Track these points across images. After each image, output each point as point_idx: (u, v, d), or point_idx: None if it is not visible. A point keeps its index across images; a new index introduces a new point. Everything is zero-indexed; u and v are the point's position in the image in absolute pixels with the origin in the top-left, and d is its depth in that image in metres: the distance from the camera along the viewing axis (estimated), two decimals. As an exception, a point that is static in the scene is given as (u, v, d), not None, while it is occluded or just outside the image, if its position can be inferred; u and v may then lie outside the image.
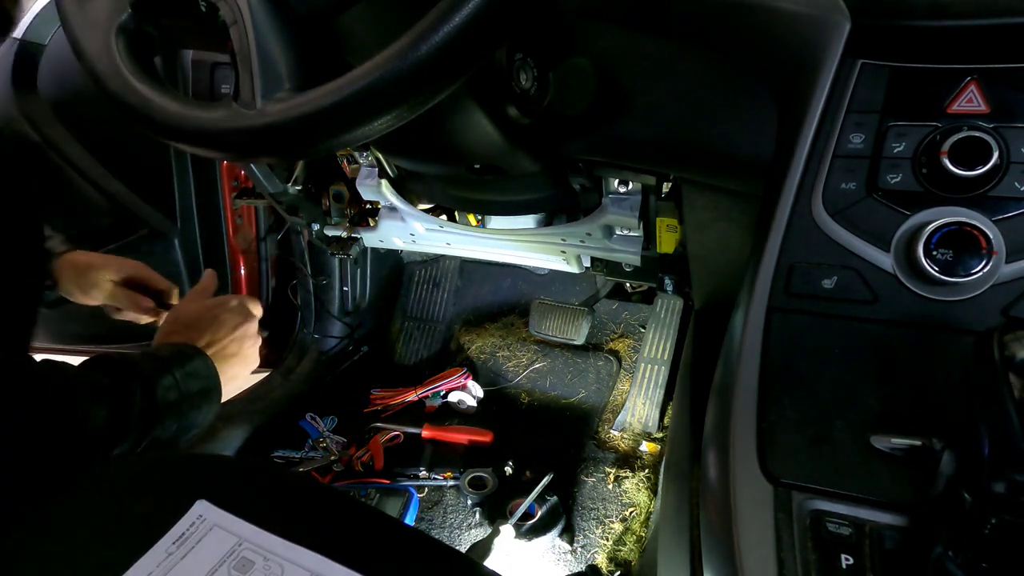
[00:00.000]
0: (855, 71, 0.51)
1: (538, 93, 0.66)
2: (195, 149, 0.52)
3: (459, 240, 1.17)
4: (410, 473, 1.25)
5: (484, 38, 0.43)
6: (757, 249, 0.53)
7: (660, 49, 0.64)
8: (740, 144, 0.62)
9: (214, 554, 0.42)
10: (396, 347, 1.60)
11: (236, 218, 1.39)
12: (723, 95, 0.62)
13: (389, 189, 1.06)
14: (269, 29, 0.48)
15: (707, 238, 0.82)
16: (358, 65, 0.44)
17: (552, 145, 0.74)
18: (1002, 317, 0.45)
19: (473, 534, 1.16)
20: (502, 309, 1.62)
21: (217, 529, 0.44)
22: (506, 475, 1.21)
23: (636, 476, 1.19)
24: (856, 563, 0.39)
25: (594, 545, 1.11)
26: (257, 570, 0.42)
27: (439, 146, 0.74)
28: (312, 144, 0.47)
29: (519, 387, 1.45)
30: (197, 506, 0.45)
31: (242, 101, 0.48)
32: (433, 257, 1.65)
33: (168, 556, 0.42)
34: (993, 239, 0.45)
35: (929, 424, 0.42)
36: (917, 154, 0.49)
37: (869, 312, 0.48)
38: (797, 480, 0.43)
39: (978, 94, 0.48)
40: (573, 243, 1.06)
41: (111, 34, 0.52)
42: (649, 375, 1.32)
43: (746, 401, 0.47)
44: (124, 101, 0.52)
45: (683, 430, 0.72)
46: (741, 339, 0.50)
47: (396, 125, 0.46)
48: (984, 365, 0.35)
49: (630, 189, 0.89)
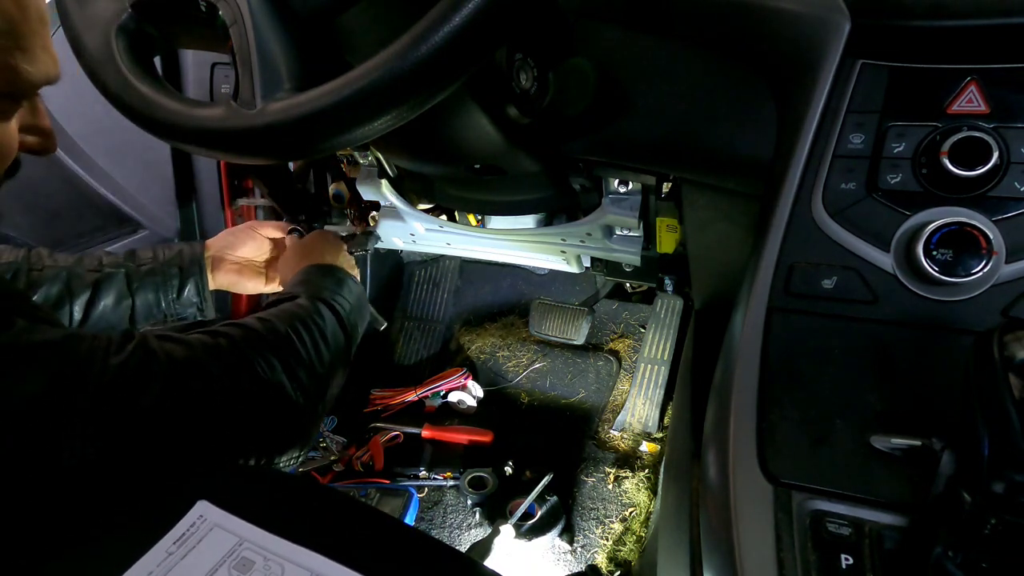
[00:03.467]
0: (855, 71, 0.51)
1: (538, 93, 0.66)
2: (195, 149, 0.52)
3: (459, 240, 1.17)
4: (410, 473, 1.25)
5: (484, 38, 0.43)
6: (757, 249, 0.53)
7: (660, 49, 0.64)
8: (740, 144, 0.62)
9: (214, 554, 0.42)
10: (396, 347, 1.60)
11: (236, 218, 1.38)
12: (723, 95, 0.62)
13: (389, 189, 1.05)
14: (269, 29, 0.48)
15: (707, 238, 0.82)
16: (358, 65, 0.44)
17: (552, 145, 0.74)
18: (1002, 317, 0.45)
19: (473, 534, 1.16)
20: (502, 309, 1.62)
21: (217, 529, 0.44)
22: (506, 475, 1.21)
23: (636, 476, 1.19)
24: (856, 563, 0.39)
25: (594, 545, 1.11)
26: (257, 570, 0.42)
27: (439, 146, 0.74)
28: (312, 144, 0.48)
29: (519, 387, 1.45)
30: (198, 506, 0.45)
31: (242, 101, 0.48)
32: (433, 257, 1.65)
33: (168, 556, 0.42)
34: (993, 239, 0.45)
35: (929, 424, 0.42)
36: (917, 154, 0.49)
37: (869, 312, 0.48)
38: (797, 480, 0.43)
39: (978, 94, 0.48)
40: (573, 243, 1.05)
41: (111, 34, 0.52)
42: (649, 375, 1.32)
43: (746, 401, 0.47)
44: (124, 101, 0.52)
45: (683, 430, 0.72)
46: (741, 339, 0.50)
47: (396, 125, 0.46)
48: (984, 365, 0.35)
49: (630, 189, 0.89)
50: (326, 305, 0.70)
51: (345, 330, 0.71)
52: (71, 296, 0.75)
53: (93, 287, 0.76)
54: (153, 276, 0.80)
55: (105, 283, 0.77)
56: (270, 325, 0.61)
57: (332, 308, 0.70)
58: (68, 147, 1.12)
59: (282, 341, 0.61)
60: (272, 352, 0.59)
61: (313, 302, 0.69)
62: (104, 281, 0.77)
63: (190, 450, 0.51)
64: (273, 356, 0.58)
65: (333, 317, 0.69)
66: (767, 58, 0.58)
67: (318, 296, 0.70)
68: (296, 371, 0.60)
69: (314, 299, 0.69)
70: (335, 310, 0.70)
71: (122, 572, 0.40)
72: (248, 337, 0.59)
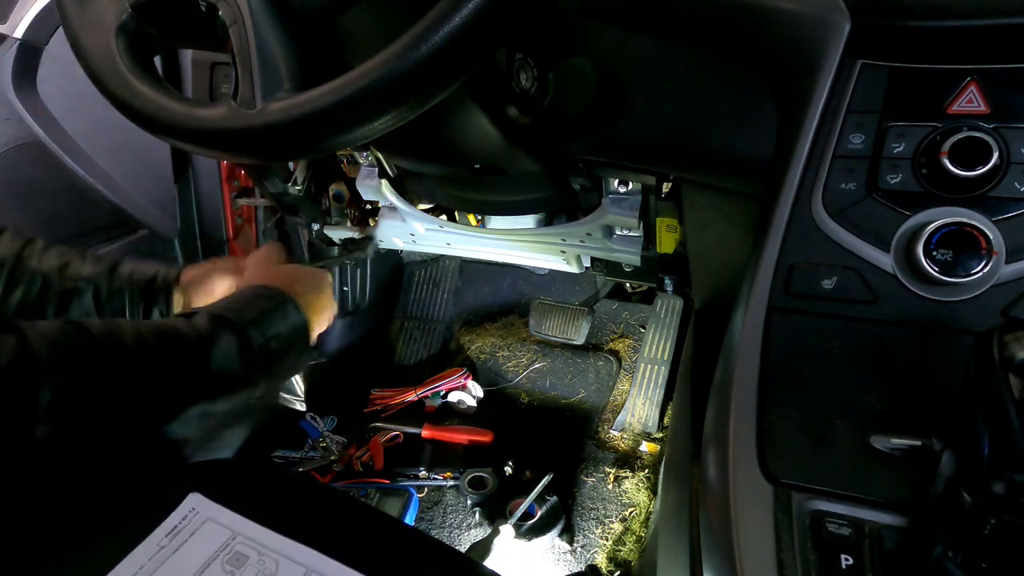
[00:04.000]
0: (855, 71, 0.51)
1: (538, 93, 0.66)
2: (195, 149, 0.52)
3: (459, 240, 1.17)
4: (410, 473, 1.25)
5: (484, 38, 0.43)
6: (757, 249, 0.53)
7: (660, 49, 0.64)
8: (740, 144, 0.62)
9: (207, 548, 0.42)
10: (396, 347, 1.60)
11: (236, 218, 1.38)
12: (723, 95, 0.62)
13: (389, 189, 1.05)
14: (269, 29, 0.48)
15: (707, 238, 0.82)
16: (358, 65, 0.44)
17: (552, 145, 0.74)
18: (1002, 317, 0.45)
19: (473, 534, 1.16)
20: (502, 309, 1.62)
21: (210, 523, 0.43)
22: (506, 475, 1.21)
23: (636, 476, 1.19)
24: (856, 563, 0.39)
25: (594, 545, 1.11)
26: (251, 565, 0.42)
27: (439, 146, 0.74)
28: (312, 144, 0.47)
29: (519, 387, 1.45)
30: (190, 499, 0.44)
31: (242, 101, 0.48)
32: (433, 257, 1.65)
33: (160, 550, 0.41)
34: (993, 239, 0.45)
35: (929, 424, 0.42)
36: (917, 154, 0.49)
37: (869, 312, 0.48)
38: (797, 480, 0.43)
39: (978, 94, 0.48)
40: (573, 243, 1.06)
41: (111, 34, 0.52)
42: (649, 375, 1.32)
43: (746, 401, 0.47)
44: (124, 101, 0.52)
45: (683, 430, 0.72)
46: (741, 339, 0.50)
47: (396, 125, 0.46)
48: (984, 365, 0.35)
49: (630, 189, 0.89)
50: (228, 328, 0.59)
51: (246, 356, 0.59)
52: (44, 303, 0.75)
53: (62, 298, 0.76)
54: (120, 298, 0.79)
55: (76, 300, 0.77)
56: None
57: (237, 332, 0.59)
58: (68, 147, 1.12)
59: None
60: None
61: (211, 323, 0.58)
62: (75, 297, 0.76)
63: None
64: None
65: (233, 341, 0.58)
66: (767, 58, 0.58)
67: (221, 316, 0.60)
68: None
69: (214, 320, 0.59)
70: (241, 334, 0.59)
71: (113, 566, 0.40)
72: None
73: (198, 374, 0.55)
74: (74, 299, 0.76)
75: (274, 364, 0.62)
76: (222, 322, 0.58)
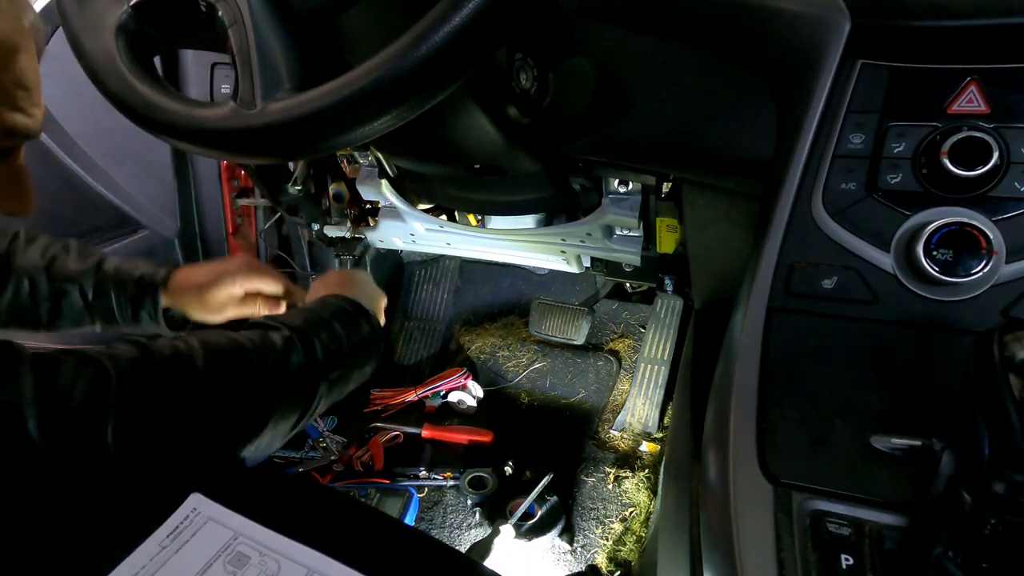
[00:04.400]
0: (855, 71, 0.51)
1: (538, 93, 0.66)
2: (195, 149, 0.52)
3: (459, 240, 1.17)
4: (410, 473, 1.25)
5: (484, 38, 0.43)
6: (757, 249, 0.53)
7: (660, 49, 0.64)
8: (740, 144, 0.62)
9: (209, 548, 0.42)
10: (396, 347, 1.60)
11: (236, 218, 1.38)
12: (723, 95, 0.62)
13: (389, 189, 1.05)
14: (269, 29, 0.48)
15: (707, 238, 0.82)
16: (358, 65, 0.44)
17: (552, 145, 0.74)
18: (1002, 317, 0.45)
19: (473, 534, 1.16)
20: (502, 309, 1.62)
21: (212, 523, 0.43)
22: (506, 475, 1.21)
23: (636, 476, 1.19)
24: (856, 563, 0.39)
25: (594, 545, 1.11)
26: (253, 566, 0.42)
27: (439, 146, 0.74)
28: (312, 144, 0.47)
29: (519, 387, 1.45)
30: (191, 499, 0.44)
31: (242, 101, 0.48)
32: (433, 257, 1.65)
33: (161, 550, 0.41)
34: (993, 239, 0.45)
35: (929, 424, 0.42)
36: (917, 154, 0.49)
37: (869, 312, 0.48)
38: (797, 480, 0.43)
39: (978, 94, 0.48)
40: (573, 243, 1.06)
41: (111, 34, 0.52)
42: (649, 375, 1.32)
43: (746, 401, 0.47)
44: (124, 101, 0.52)
45: (683, 430, 0.72)
46: (741, 339, 0.50)
47: (396, 125, 0.46)
48: (984, 365, 0.35)
49: (630, 189, 0.89)
50: (302, 342, 0.60)
51: (310, 374, 0.60)
52: (36, 304, 0.75)
53: (53, 299, 0.76)
54: (107, 298, 0.78)
55: (65, 300, 0.76)
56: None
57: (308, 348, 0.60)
58: (68, 147, 1.12)
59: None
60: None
61: (284, 339, 0.59)
62: (64, 298, 0.76)
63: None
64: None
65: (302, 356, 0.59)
66: (767, 58, 0.58)
67: (299, 330, 0.61)
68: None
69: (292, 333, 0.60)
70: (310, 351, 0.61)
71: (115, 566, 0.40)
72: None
73: (274, 391, 0.57)
74: (63, 300, 0.76)
75: (347, 370, 0.67)
76: (299, 333, 0.60)
